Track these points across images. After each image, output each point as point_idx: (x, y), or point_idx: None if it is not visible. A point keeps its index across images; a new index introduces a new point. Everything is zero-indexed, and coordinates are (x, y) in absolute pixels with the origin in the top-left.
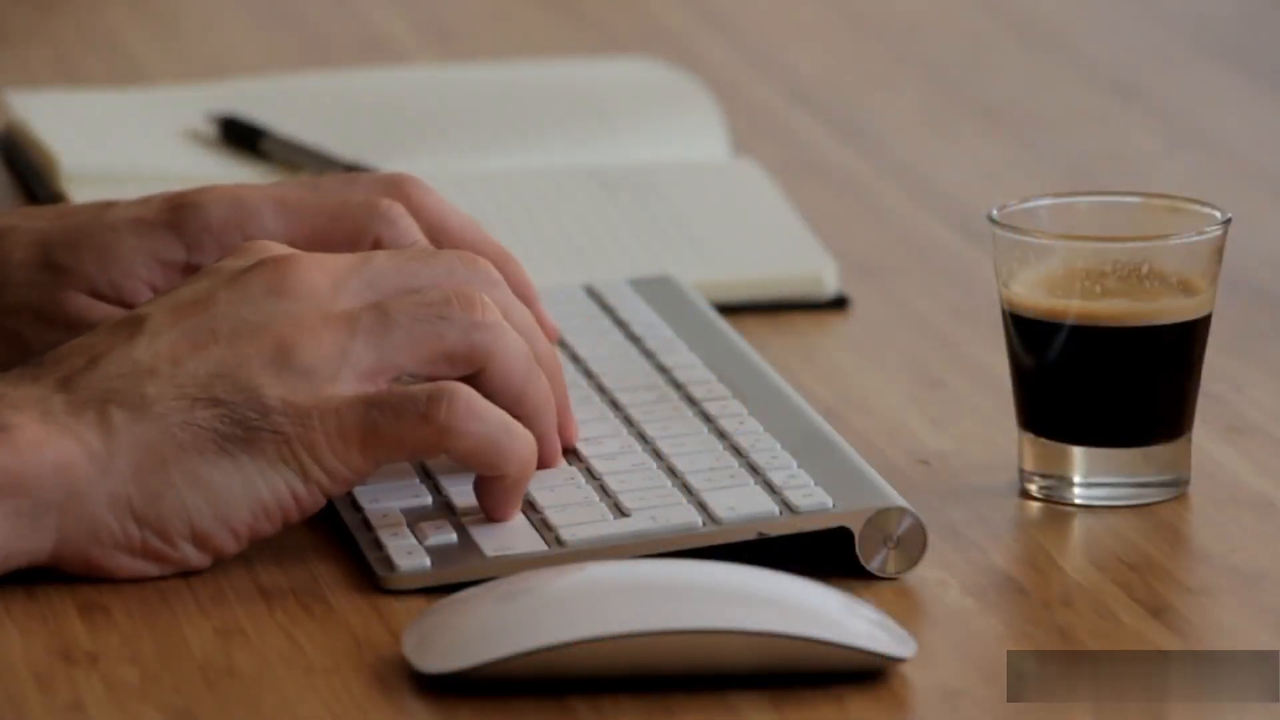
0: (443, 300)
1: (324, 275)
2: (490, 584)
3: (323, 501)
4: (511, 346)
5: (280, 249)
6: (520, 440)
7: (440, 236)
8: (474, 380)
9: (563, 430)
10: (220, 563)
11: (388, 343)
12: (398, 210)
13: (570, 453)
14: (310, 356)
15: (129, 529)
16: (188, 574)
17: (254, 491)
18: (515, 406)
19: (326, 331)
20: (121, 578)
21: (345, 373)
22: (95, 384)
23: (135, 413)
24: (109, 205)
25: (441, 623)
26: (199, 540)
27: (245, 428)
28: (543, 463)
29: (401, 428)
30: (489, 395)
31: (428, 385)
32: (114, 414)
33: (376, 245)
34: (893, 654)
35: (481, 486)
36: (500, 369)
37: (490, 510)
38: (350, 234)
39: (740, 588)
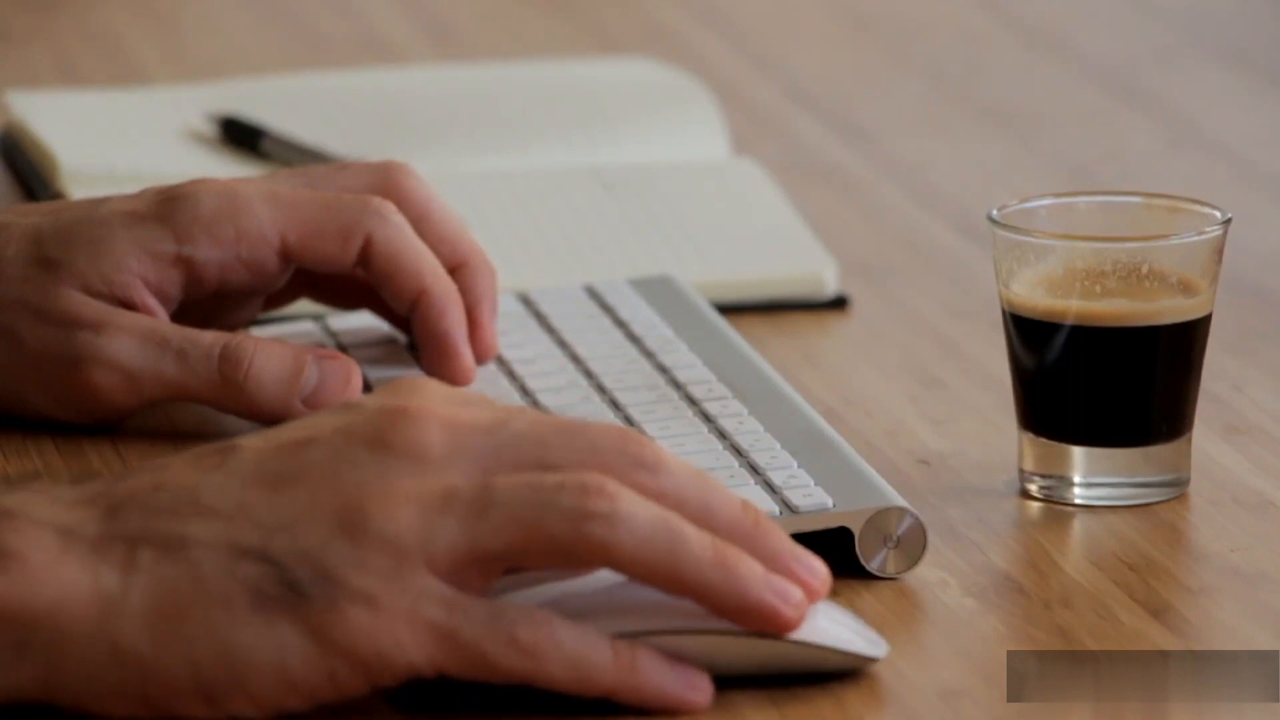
0: (559, 487)
1: (444, 435)
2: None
3: (364, 689)
4: (640, 531)
5: (424, 395)
6: (615, 651)
7: (422, 227)
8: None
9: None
10: None
11: (483, 525)
12: (390, 208)
13: None
14: (391, 527)
15: (128, 680)
16: None
17: (283, 663)
18: (677, 591)
19: (417, 502)
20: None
21: (428, 552)
22: (142, 517)
23: (167, 554)
24: (102, 201)
25: None
26: (211, 701)
27: (294, 591)
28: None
29: (485, 645)
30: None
31: (520, 606)
32: (143, 553)
33: (368, 241)
34: (866, 655)
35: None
36: (626, 562)
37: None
38: (342, 229)
39: None
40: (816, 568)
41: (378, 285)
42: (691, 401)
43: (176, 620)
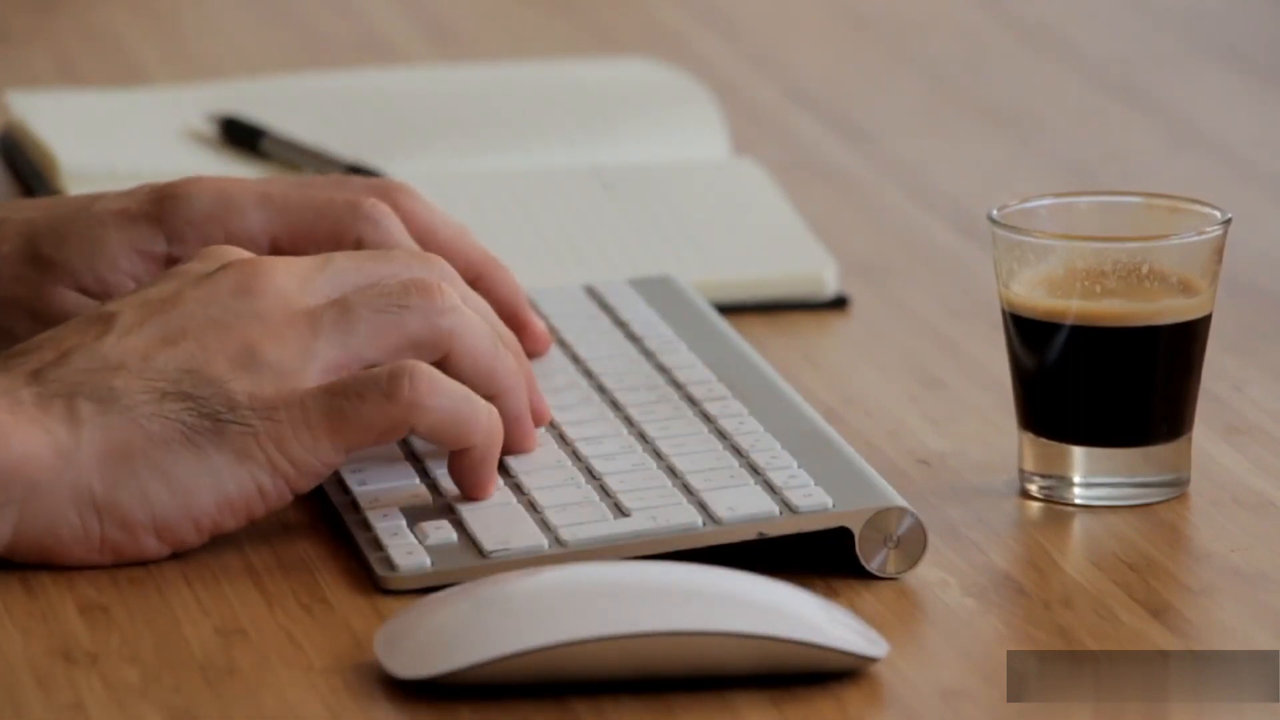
0: (402, 290)
1: (289, 277)
2: (450, 591)
3: (289, 497)
4: (474, 328)
5: (244, 253)
6: (484, 410)
7: (430, 244)
8: (441, 366)
9: (535, 410)
10: (222, 564)
11: (352, 336)
12: (382, 210)
13: (570, 453)
14: (276, 354)
15: (89, 522)
16: (185, 570)
17: (219, 484)
18: (485, 388)
19: (291, 329)
20: (77, 566)
21: (311, 368)
22: (64, 377)
23: (103, 405)
24: (97, 197)
25: (415, 625)
26: (160, 532)
27: (213, 420)
28: (519, 445)
29: (367, 410)
30: (457, 379)
31: (387, 366)
32: (82, 406)
33: (358, 245)
34: (866, 654)
35: (454, 464)
36: (466, 351)
37: (467, 488)
38: (333, 232)
39: (721, 591)
40: (538, 334)
41: None
42: (692, 401)
43: (125, 461)
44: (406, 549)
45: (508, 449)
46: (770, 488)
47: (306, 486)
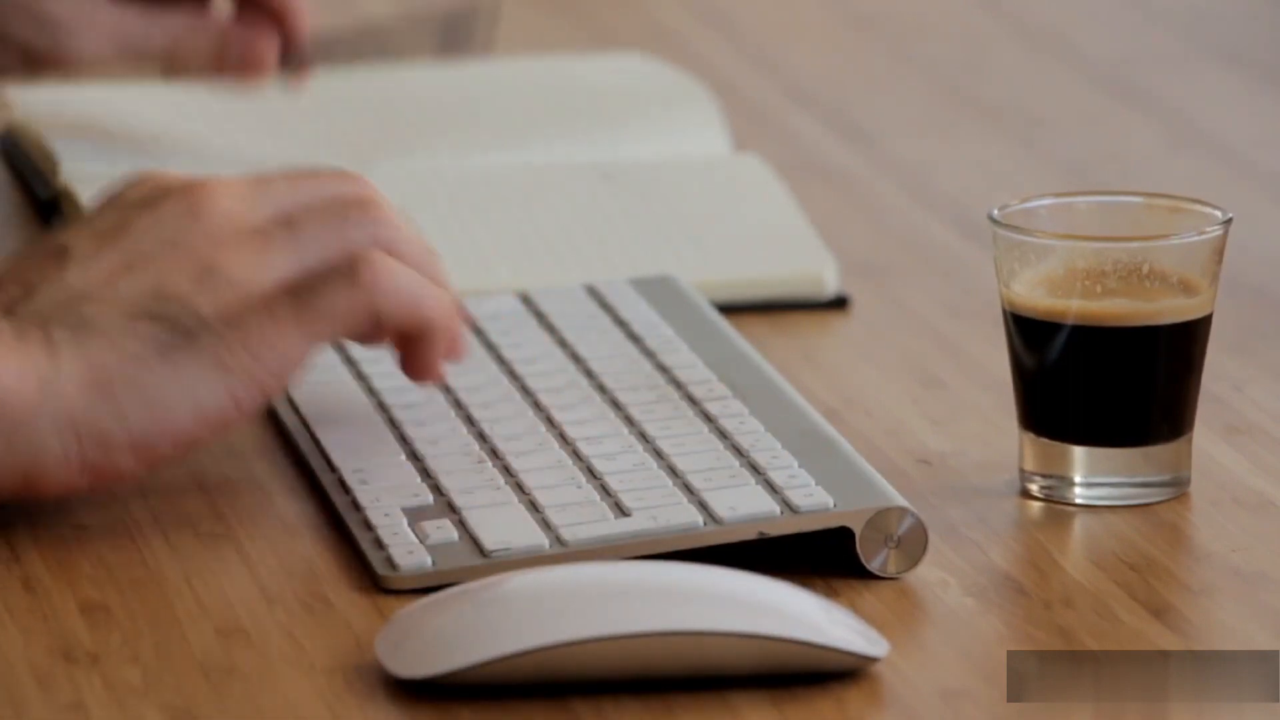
0: (342, 204)
1: (231, 198)
2: (450, 591)
3: (261, 401)
4: (410, 238)
5: (177, 176)
6: (441, 289)
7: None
8: None
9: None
10: (222, 564)
11: (302, 248)
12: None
13: (571, 452)
14: (233, 268)
15: (69, 447)
16: (186, 570)
17: (195, 398)
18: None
19: (244, 245)
20: (50, 497)
21: (267, 279)
22: (36, 310)
23: (78, 332)
24: None
25: (416, 625)
26: (138, 450)
27: (185, 336)
28: (456, 349)
29: (332, 297)
30: None
31: (345, 255)
32: (58, 334)
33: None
34: (866, 654)
35: (410, 350)
36: (406, 256)
37: (420, 371)
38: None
39: (721, 591)
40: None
41: None
42: (692, 401)
43: (104, 384)
44: (407, 548)
45: (445, 352)
46: (771, 487)
47: (279, 388)
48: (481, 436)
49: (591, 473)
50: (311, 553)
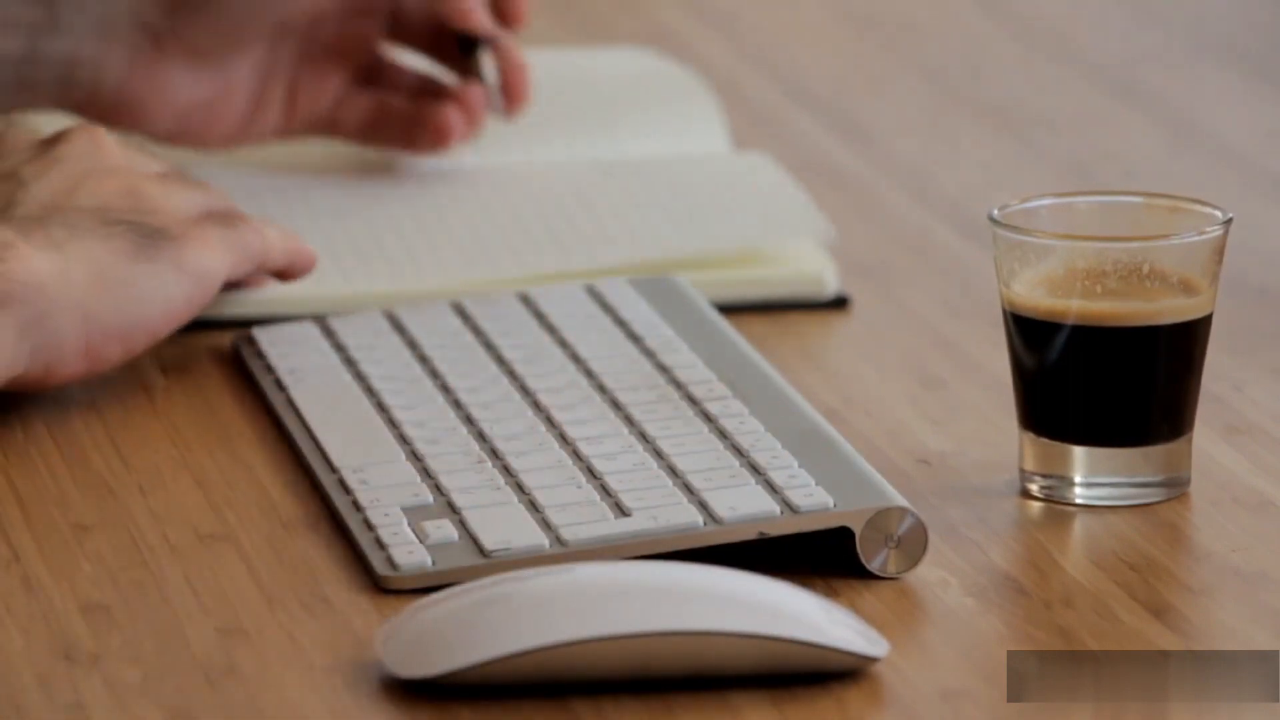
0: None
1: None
2: (450, 591)
3: (201, 306)
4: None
5: (64, 121)
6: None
7: None
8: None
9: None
10: (222, 564)
11: (198, 193)
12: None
13: (571, 452)
14: (155, 196)
15: (78, 334)
16: (186, 570)
17: (165, 293)
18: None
19: (153, 180)
20: (57, 387)
21: (193, 209)
22: (27, 215)
23: (71, 230)
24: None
25: (416, 625)
26: (125, 341)
27: (150, 238)
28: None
29: (245, 234)
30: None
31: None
32: (57, 233)
33: None
34: (866, 654)
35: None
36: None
37: (302, 268)
38: None
39: (721, 591)
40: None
41: None
42: (692, 401)
43: (103, 275)
44: (408, 548)
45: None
46: (771, 487)
47: (206, 300)
48: (481, 436)
49: (591, 473)
50: (311, 553)
